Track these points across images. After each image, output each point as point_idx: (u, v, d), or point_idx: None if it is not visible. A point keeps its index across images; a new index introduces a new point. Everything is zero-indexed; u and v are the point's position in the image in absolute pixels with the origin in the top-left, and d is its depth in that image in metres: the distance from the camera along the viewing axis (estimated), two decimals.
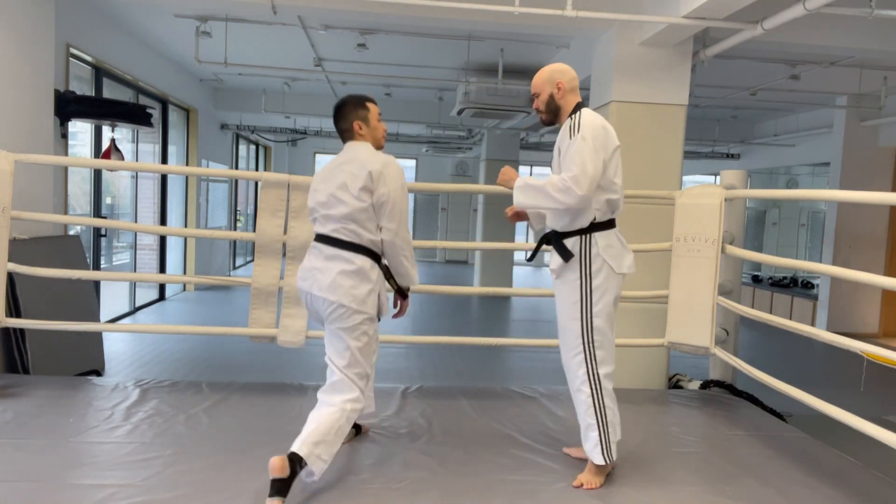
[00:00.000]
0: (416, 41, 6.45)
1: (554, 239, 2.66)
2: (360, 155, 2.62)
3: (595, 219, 2.59)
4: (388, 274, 2.69)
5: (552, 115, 2.70)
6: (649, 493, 2.59)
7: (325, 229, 2.60)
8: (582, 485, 2.60)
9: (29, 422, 3.01)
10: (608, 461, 2.59)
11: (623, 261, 2.64)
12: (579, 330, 2.59)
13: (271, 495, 2.28)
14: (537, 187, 2.58)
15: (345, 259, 2.55)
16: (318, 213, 2.63)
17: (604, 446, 2.58)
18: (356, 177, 2.55)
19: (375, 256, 2.61)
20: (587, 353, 2.58)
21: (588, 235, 2.58)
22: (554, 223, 2.68)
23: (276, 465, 2.29)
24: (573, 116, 2.61)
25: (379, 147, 2.73)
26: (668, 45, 4.55)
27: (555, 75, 2.67)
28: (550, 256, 2.70)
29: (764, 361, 5.33)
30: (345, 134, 2.72)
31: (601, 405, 2.59)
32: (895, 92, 7.35)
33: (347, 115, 2.69)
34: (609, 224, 2.64)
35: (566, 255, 2.60)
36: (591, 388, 2.58)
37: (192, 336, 5.89)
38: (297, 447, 2.38)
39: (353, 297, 2.52)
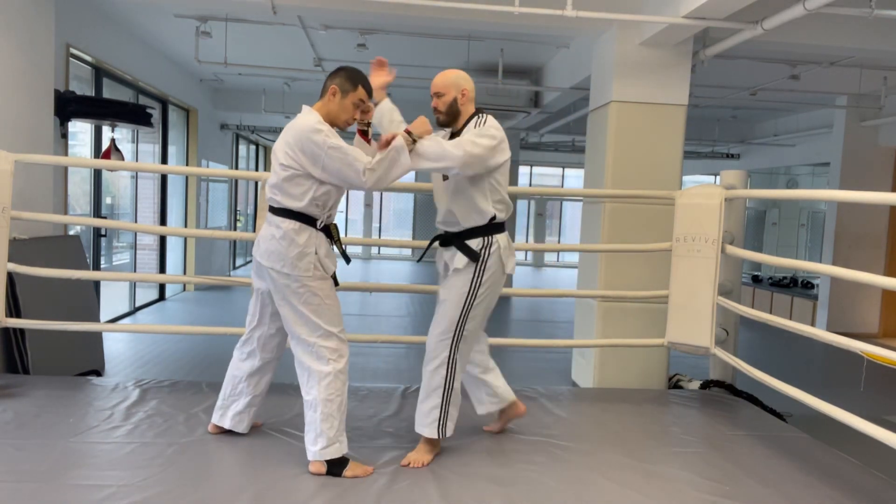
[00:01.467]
0: (416, 41, 6.45)
1: (456, 240, 2.76)
2: (293, 123, 2.54)
3: (495, 217, 2.74)
4: (336, 237, 2.68)
5: (450, 119, 2.81)
6: (649, 493, 2.59)
7: (268, 195, 2.65)
8: (409, 463, 2.69)
9: (29, 422, 3.01)
10: (441, 436, 2.76)
11: (511, 262, 2.84)
12: (457, 318, 2.73)
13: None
14: (438, 145, 2.62)
15: (274, 224, 2.59)
16: None
17: (440, 422, 2.75)
18: (277, 150, 2.56)
19: (305, 219, 2.57)
20: (454, 339, 2.74)
21: (490, 237, 2.73)
22: (465, 219, 2.73)
23: (313, 471, 2.58)
24: (479, 118, 2.75)
25: (335, 126, 2.60)
26: (667, 45, 4.55)
27: (461, 81, 2.78)
28: (451, 256, 2.77)
29: (764, 361, 5.33)
30: (321, 92, 2.64)
31: (450, 387, 2.75)
32: (895, 92, 7.35)
33: (335, 77, 2.61)
34: (503, 227, 2.81)
35: (473, 255, 2.72)
36: (447, 371, 2.74)
37: (192, 336, 5.89)
38: (311, 455, 2.57)
39: (284, 261, 2.54)
